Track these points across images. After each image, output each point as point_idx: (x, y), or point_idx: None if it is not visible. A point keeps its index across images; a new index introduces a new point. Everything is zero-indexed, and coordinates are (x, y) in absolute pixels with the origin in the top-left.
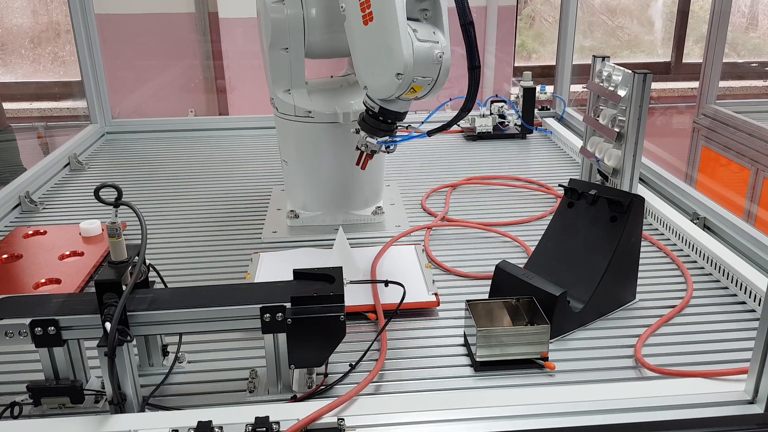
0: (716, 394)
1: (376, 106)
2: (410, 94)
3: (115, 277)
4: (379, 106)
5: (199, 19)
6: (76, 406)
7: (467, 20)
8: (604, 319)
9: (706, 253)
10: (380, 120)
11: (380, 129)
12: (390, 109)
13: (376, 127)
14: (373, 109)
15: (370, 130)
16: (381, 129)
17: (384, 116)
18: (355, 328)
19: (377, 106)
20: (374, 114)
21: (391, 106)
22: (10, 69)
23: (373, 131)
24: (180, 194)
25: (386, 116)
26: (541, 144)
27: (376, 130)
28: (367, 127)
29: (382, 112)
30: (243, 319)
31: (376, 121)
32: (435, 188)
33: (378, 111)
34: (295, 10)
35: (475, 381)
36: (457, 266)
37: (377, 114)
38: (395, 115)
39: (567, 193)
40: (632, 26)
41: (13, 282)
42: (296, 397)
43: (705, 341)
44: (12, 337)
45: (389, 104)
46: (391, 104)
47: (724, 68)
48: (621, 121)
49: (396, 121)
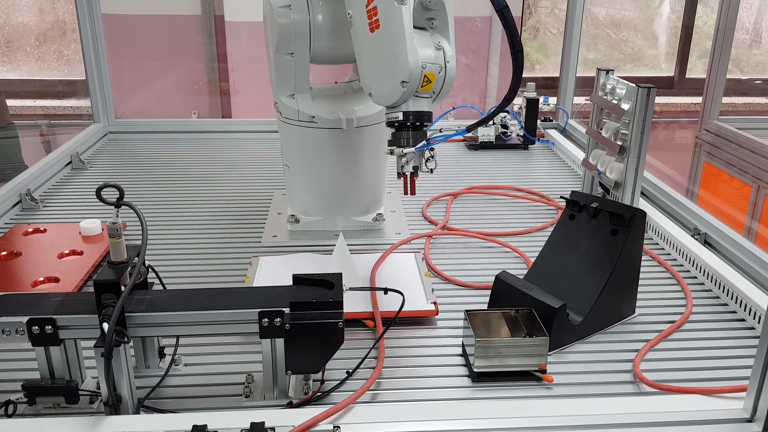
0: (714, 412)
1: (399, 114)
2: (426, 87)
3: (114, 277)
4: (405, 112)
5: (205, 21)
6: (71, 407)
7: (502, 5)
8: (603, 333)
9: (706, 269)
10: (410, 127)
11: (415, 137)
12: (418, 110)
13: (408, 138)
14: (398, 118)
15: (405, 142)
16: (415, 136)
17: (413, 119)
18: (353, 335)
19: (401, 113)
20: (401, 124)
21: (416, 107)
22: (15, 66)
23: (408, 142)
24: (181, 196)
25: (416, 119)
26: (543, 155)
27: (409, 140)
28: (400, 142)
29: (409, 116)
30: (241, 323)
31: (406, 131)
32: (436, 197)
33: (404, 117)
34: (301, 15)
35: (473, 392)
36: (457, 275)
37: (405, 121)
38: (424, 116)
39: (568, 205)
40: (636, 40)
41: (11, 279)
42: (292, 403)
43: (704, 357)
44: (9, 335)
45: (414, 104)
46: (416, 104)
47: (728, 84)
48: (624, 134)
49: (427, 122)
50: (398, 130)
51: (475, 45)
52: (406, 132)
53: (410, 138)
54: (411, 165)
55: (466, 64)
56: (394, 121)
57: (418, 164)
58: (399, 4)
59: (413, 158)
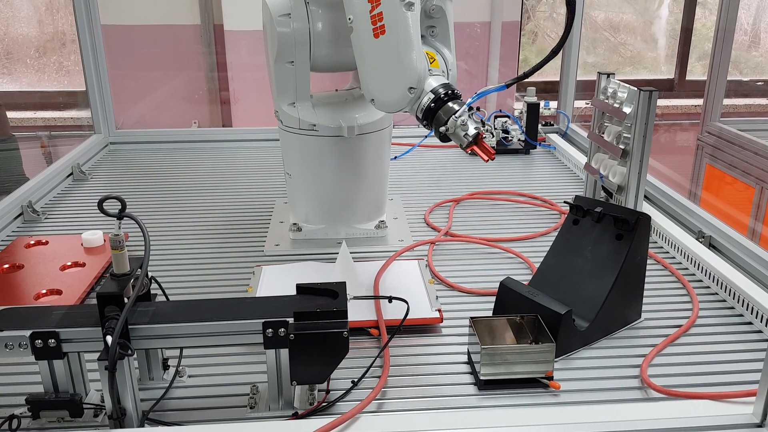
0: (723, 417)
1: (429, 95)
2: (434, 65)
3: (117, 289)
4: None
5: (205, 31)
6: (75, 420)
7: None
8: (609, 338)
9: (711, 272)
10: (446, 100)
11: (454, 104)
12: (443, 83)
13: (449, 109)
14: (431, 99)
15: (446, 112)
16: (454, 103)
17: (445, 90)
18: (358, 344)
19: (430, 93)
20: (437, 103)
21: (438, 81)
22: (15, 78)
23: (450, 110)
24: (182, 206)
25: (447, 89)
26: (544, 160)
27: (452, 107)
28: (444, 116)
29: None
30: (245, 334)
31: (442, 104)
32: (438, 203)
33: (435, 94)
34: (301, 24)
35: (479, 400)
36: (461, 282)
37: (438, 98)
38: (450, 85)
39: (572, 210)
40: (635, 43)
41: (13, 292)
42: (297, 414)
43: (711, 362)
44: (12, 349)
45: (436, 81)
46: (437, 80)
47: (729, 86)
48: (626, 137)
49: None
50: (436, 110)
51: (475, 50)
52: (445, 106)
53: (452, 106)
54: (473, 128)
55: (466, 69)
56: (428, 105)
57: (478, 125)
58: (407, 10)
59: (470, 122)
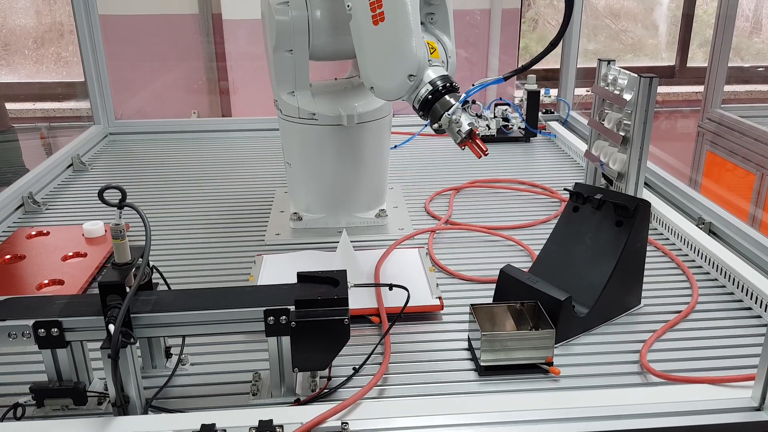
0: (722, 401)
1: (427, 86)
2: (434, 55)
3: (118, 279)
4: (431, 81)
5: (203, 20)
6: (79, 408)
7: None
8: (609, 324)
9: (711, 258)
10: (443, 93)
11: (453, 98)
12: (441, 75)
13: (447, 101)
14: (428, 90)
15: (443, 106)
16: (453, 97)
17: (443, 83)
18: (359, 331)
19: (428, 84)
20: (434, 95)
21: (437, 73)
22: (13, 69)
23: (447, 103)
24: (183, 196)
25: (445, 81)
26: (545, 147)
27: (450, 101)
28: (440, 110)
29: (437, 83)
30: (246, 322)
31: (440, 98)
32: (438, 191)
33: (433, 86)
34: (299, 12)
35: (480, 385)
36: (461, 270)
37: (436, 90)
38: (449, 77)
39: (572, 197)
40: (636, 30)
41: (16, 283)
42: (300, 401)
43: (711, 347)
44: (15, 338)
45: (434, 72)
46: (436, 71)
47: (729, 72)
48: (626, 124)
49: (456, 83)
50: (433, 102)
51: (474, 38)
52: (442, 98)
53: (449, 99)
54: (466, 124)
55: (466, 57)
56: (426, 96)
57: (472, 121)
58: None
59: (463, 117)
